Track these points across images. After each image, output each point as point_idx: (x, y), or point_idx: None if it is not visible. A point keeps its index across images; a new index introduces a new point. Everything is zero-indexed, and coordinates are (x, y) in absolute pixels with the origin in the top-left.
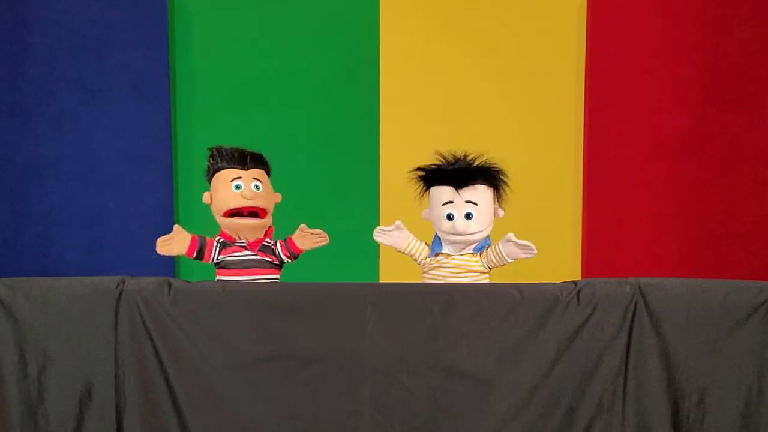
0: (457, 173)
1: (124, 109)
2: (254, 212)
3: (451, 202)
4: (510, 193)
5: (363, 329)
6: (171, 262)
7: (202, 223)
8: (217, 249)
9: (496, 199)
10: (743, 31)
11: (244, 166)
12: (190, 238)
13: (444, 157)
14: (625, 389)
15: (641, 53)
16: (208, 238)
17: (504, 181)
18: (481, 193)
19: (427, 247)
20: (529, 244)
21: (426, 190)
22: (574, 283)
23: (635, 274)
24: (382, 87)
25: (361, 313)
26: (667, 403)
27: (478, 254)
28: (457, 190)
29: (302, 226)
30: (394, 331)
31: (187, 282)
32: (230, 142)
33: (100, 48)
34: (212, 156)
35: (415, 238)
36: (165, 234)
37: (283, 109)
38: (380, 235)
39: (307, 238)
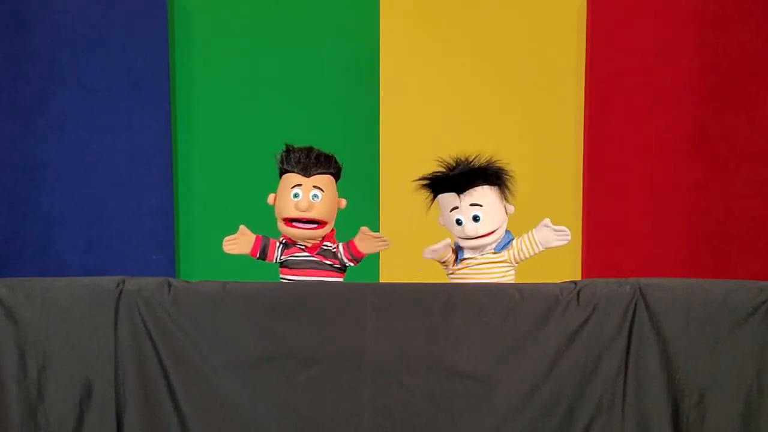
0: (457, 178)
1: (124, 109)
2: (311, 221)
3: (457, 207)
4: (511, 192)
5: (363, 329)
6: (171, 262)
7: (202, 223)
8: (280, 249)
9: (502, 197)
10: (743, 31)
11: (306, 172)
12: (254, 239)
13: (444, 163)
14: (625, 389)
15: (641, 53)
16: (271, 239)
17: (506, 177)
18: (484, 193)
19: (454, 254)
20: (565, 228)
21: (434, 198)
22: (574, 283)
23: (635, 274)
24: (382, 87)
25: (361, 313)
26: (667, 403)
27: (501, 252)
28: (459, 195)
29: (363, 228)
30: (394, 331)
31: (187, 282)
32: (230, 142)
33: (100, 48)
34: (281, 157)
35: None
36: (164, 234)
37: (283, 109)
38: (429, 254)
39: (368, 241)
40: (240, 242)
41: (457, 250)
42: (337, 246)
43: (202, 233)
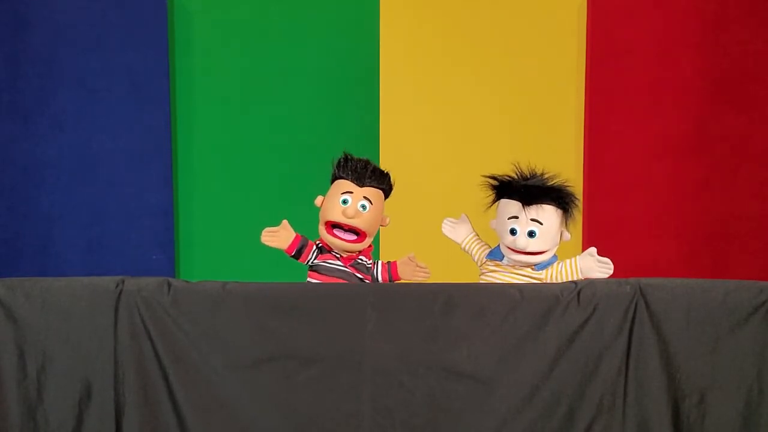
0: (527, 190)
1: (124, 109)
2: (354, 230)
3: (517, 217)
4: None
5: (363, 329)
6: (171, 262)
7: (202, 223)
8: (315, 252)
9: (564, 222)
10: (743, 31)
11: (360, 181)
12: (294, 236)
13: (519, 170)
14: (626, 389)
15: (641, 53)
16: (309, 241)
17: (575, 205)
18: (548, 213)
19: (487, 248)
20: (608, 261)
21: (496, 201)
22: (575, 283)
23: (635, 274)
24: (382, 87)
25: (361, 313)
26: (667, 403)
27: (540, 271)
28: (524, 207)
29: (411, 254)
30: (394, 331)
31: (187, 282)
32: (230, 142)
33: (100, 48)
34: (337, 163)
35: (478, 237)
36: (164, 234)
37: (283, 109)
38: (445, 227)
39: (411, 268)
40: (280, 236)
41: (495, 249)
42: (374, 263)
43: (202, 233)
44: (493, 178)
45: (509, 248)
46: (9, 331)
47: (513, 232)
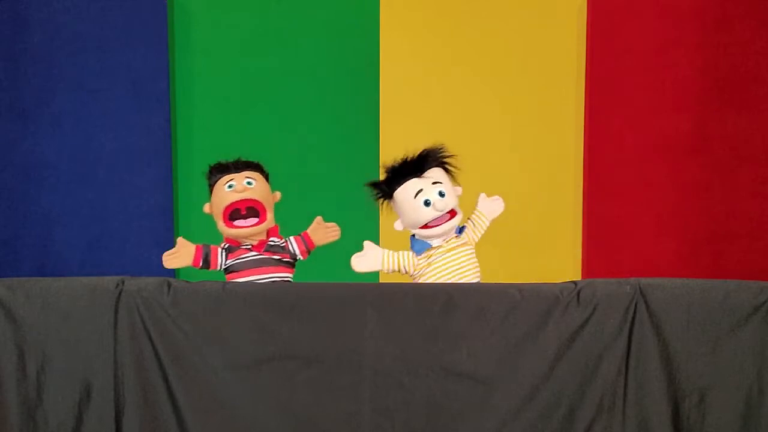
0: (414, 163)
1: (124, 109)
2: (252, 207)
3: (422, 189)
4: (509, 193)
5: (363, 330)
6: None
7: (202, 224)
8: (224, 255)
9: (452, 179)
10: (743, 31)
11: (236, 169)
12: (194, 249)
13: (390, 165)
14: (626, 389)
15: (641, 53)
16: (212, 246)
17: (449, 158)
18: (438, 173)
19: (407, 253)
20: (498, 197)
21: (390, 200)
22: (574, 283)
23: (635, 274)
24: (382, 87)
25: (361, 313)
26: (667, 403)
27: (461, 235)
28: (420, 177)
29: (318, 218)
30: (394, 331)
31: (187, 282)
32: (230, 142)
33: (100, 48)
34: (209, 172)
35: (392, 252)
36: (164, 234)
37: (283, 109)
38: (356, 262)
39: (321, 231)
40: (180, 254)
41: (416, 246)
42: (287, 240)
43: (202, 233)
44: (374, 182)
45: (429, 225)
46: (9, 331)
47: (427, 203)
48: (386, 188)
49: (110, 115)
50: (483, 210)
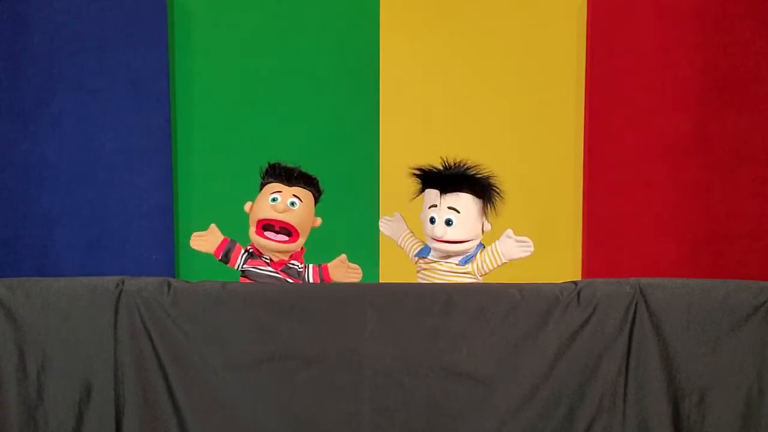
0: (444, 178)
1: (124, 109)
2: (285, 228)
3: (435, 206)
4: (509, 193)
5: (363, 330)
6: (171, 262)
7: (202, 224)
8: (244, 257)
9: (484, 212)
10: (743, 31)
11: (288, 181)
12: (221, 239)
13: (443, 161)
14: (626, 389)
15: (641, 53)
16: (238, 244)
17: (494, 193)
18: (465, 201)
19: (421, 245)
20: (527, 240)
21: (421, 192)
22: (575, 283)
23: (635, 274)
24: (382, 87)
25: (361, 313)
26: (667, 403)
27: (465, 265)
28: (441, 195)
29: (342, 256)
30: (394, 331)
31: (187, 282)
32: (230, 142)
33: (100, 48)
34: (265, 171)
35: (412, 235)
36: (164, 234)
37: (283, 109)
38: (382, 225)
39: (342, 270)
40: (207, 239)
41: (424, 246)
42: (305, 267)
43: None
44: (419, 169)
45: (431, 238)
46: (9, 331)
47: (432, 220)
48: (421, 181)
49: (110, 115)
50: (501, 249)
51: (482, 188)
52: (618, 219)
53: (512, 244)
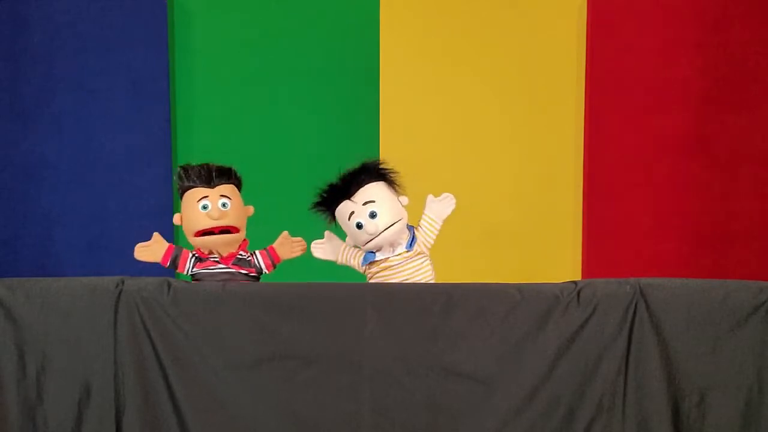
0: (342, 186)
1: (124, 109)
2: (225, 230)
3: (353, 212)
4: (509, 193)
5: (363, 330)
6: None
7: None
8: (192, 261)
9: (392, 190)
10: (743, 31)
11: (210, 183)
12: (166, 247)
13: (327, 184)
14: (626, 389)
15: (641, 53)
16: (184, 250)
17: (388, 170)
18: (372, 189)
19: (362, 253)
20: (448, 194)
21: (333, 220)
22: (575, 283)
23: (635, 274)
24: (382, 87)
25: (360, 313)
26: (667, 403)
27: (413, 247)
28: (351, 199)
29: (284, 233)
30: (394, 331)
31: (187, 282)
32: (230, 142)
33: (100, 48)
34: (179, 176)
35: (350, 246)
36: (164, 234)
37: (283, 109)
38: (315, 250)
39: (287, 246)
40: (152, 249)
41: (366, 254)
42: (253, 254)
43: None
44: (317, 201)
45: (368, 243)
46: (9, 332)
47: (359, 226)
48: (326, 210)
49: (110, 115)
50: (431, 213)
51: (376, 171)
52: (618, 219)
53: (438, 204)
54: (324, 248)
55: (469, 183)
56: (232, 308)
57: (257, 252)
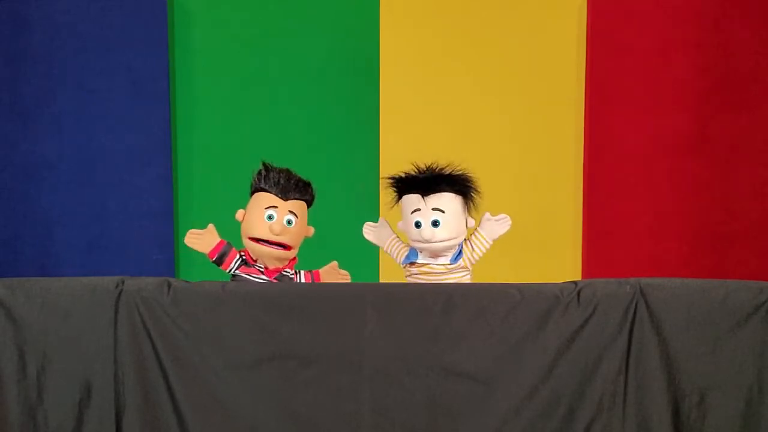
0: (423, 181)
1: (124, 109)
2: (281, 244)
3: (419, 209)
4: (509, 193)
5: (363, 330)
6: (171, 262)
7: (201, 224)
8: (238, 262)
9: (465, 208)
10: (743, 31)
11: (285, 195)
12: (218, 241)
13: (416, 167)
14: (626, 389)
15: (641, 53)
16: (234, 249)
17: (473, 189)
18: (447, 200)
19: (407, 250)
20: (505, 215)
21: (398, 200)
22: (575, 283)
23: (635, 274)
24: (382, 86)
25: (360, 313)
26: (667, 403)
27: (457, 261)
28: (423, 198)
29: (334, 263)
30: (394, 331)
31: (187, 282)
32: (230, 142)
33: (100, 48)
34: (259, 172)
35: (398, 239)
36: (165, 234)
37: (283, 108)
38: (367, 231)
39: (332, 275)
40: (204, 239)
41: (409, 253)
42: (296, 273)
43: None
44: (395, 177)
45: (418, 242)
46: (9, 331)
47: (417, 224)
48: (397, 189)
49: (110, 115)
50: (484, 232)
51: (462, 186)
52: (618, 219)
53: (493, 224)
54: (375, 232)
55: None
56: (232, 308)
57: (302, 272)
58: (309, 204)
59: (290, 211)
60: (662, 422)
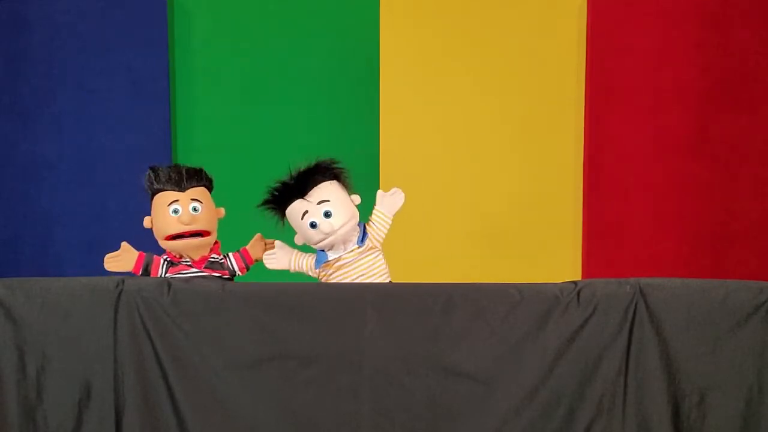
0: (296, 183)
1: (124, 109)
2: (197, 233)
3: (307, 211)
4: (509, 192)
5: (363, 330)
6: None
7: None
8: (165, 267)
9: (344, 188)
10: (744, 31)
11: (180, 186)
12: (137, 255)
13: (277, 181)
14: (626, 389)
15: (641, 53)
16: (155, 256)
17: (340, 169)
18: (326, 188)
19: (313, 257)
20: (396, 189)
21: (283, 218)
22: (574, 283)
23: (635, 274)
24: (382, 87)
25: (360, 313)
26: (667, 403)
27: (364, 243)
28: (304, 198)
29: (258, 234)
30: (394, 331)
31: (187, 282)
32: (230, 142)
33: (100, 48)
34: (148, 178)
35: (300, 252)
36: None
37: (283, 109)
38: (268, 261)
39: (259, 246)
40: (122, 258)
41: (318, 255)
42: (225, 256)
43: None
44: (266, 200)
45: (322, 239)
46: (9, 331)
47: (313, 225)
48: (276, 208)
49: (110, 115)
50: (382, 208)
51: (330, 170)
52: (618, 219)
53: (389, 198)
54: (276, 257)
55: (469, 183)
56: (232, 308)
57: (230, 254)
58: (209, 188)
59: (192, 199)
60: (662, 422)
